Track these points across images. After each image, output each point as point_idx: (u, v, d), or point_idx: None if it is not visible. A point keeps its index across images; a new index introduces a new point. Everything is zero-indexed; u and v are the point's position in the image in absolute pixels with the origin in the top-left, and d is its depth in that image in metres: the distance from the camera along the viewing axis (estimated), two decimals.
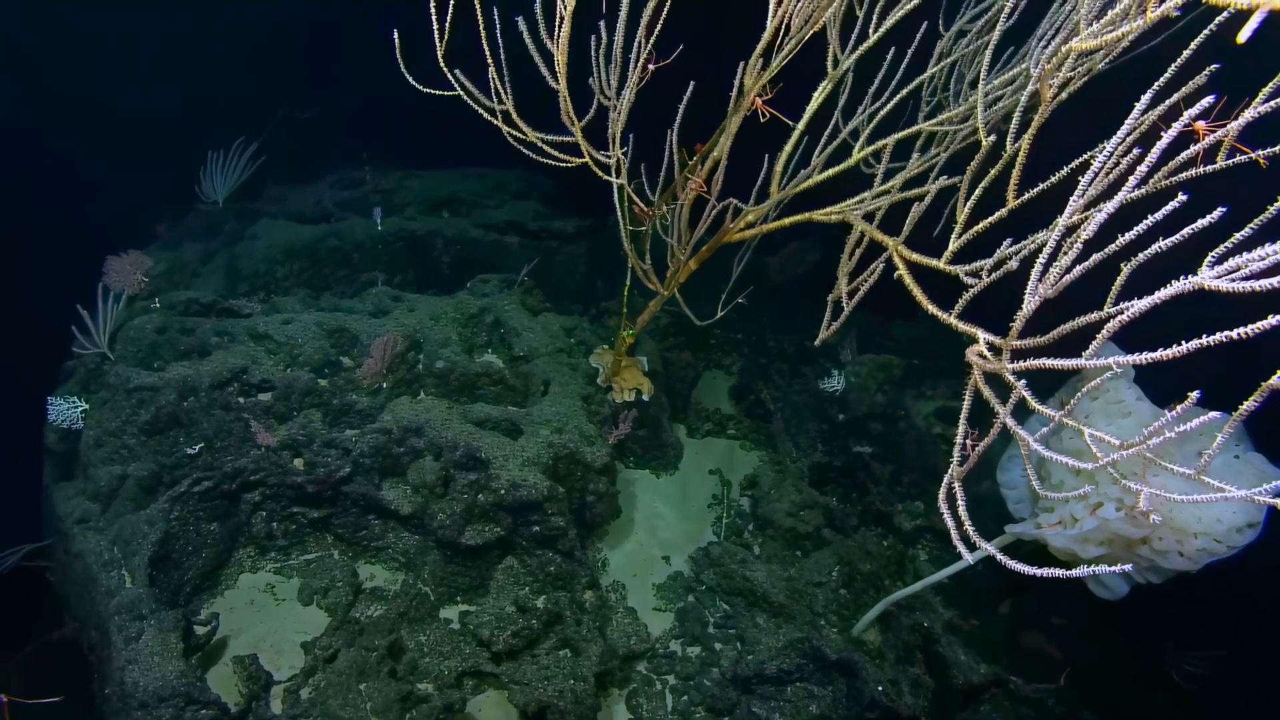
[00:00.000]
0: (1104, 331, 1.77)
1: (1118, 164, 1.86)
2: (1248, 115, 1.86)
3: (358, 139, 8.16)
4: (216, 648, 3.38)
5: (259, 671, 3.19)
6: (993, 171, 2.47)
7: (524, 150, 2.81)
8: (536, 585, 3.85)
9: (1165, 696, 4.38)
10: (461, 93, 2.57)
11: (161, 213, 6.74)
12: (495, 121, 2.69)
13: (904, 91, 3.54)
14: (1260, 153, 1.96)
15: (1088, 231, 1.75)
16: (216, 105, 7.08)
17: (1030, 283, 1.94)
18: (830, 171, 3.63)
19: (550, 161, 2.92)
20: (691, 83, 3.11)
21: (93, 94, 6.90)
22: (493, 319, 4.97)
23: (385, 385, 4.34)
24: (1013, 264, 2.26)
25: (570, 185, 7.79)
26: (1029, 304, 1.95)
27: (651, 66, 3.04)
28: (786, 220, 3.66)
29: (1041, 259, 1.90)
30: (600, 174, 3.03)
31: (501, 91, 2.62)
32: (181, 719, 2.80)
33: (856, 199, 3.47)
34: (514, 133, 2.75)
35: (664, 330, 5.81)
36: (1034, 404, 2.16)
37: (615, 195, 3.43)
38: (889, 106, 3.54)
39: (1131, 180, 1.67)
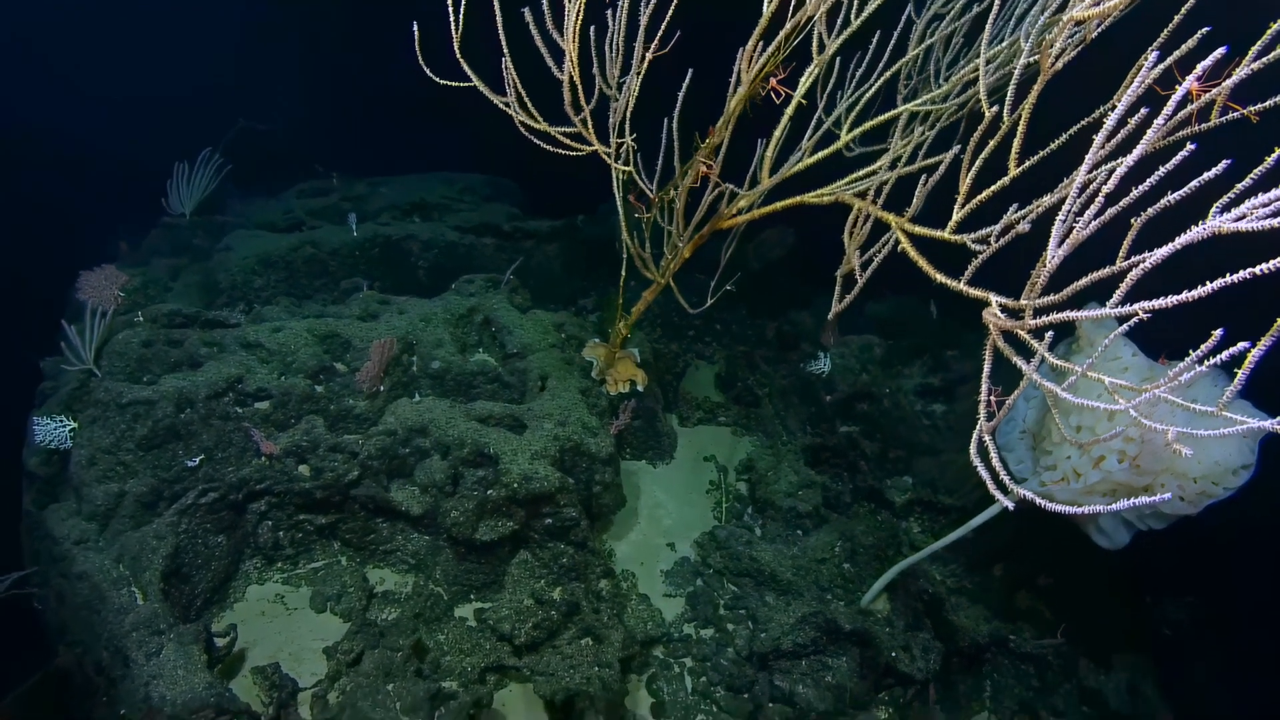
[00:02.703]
0: (1128, 280, 1.88)
1: (1125, 123, 1.98)
2: (1239, 74, 2.01)
3: (315, 149, 8.06)
4: (234, 661, 3.31)
5: (283, 679, 3.14)
6: (992, 142, 2.59)
7: (535, 140, 2.83)
8: (551, 577, 3.86)
9: (1150, 642, 4.59)
10: (477, 83, 2.58)
11: (122, 231, 6.54)
12: (510, 111, 2.71)
13: (888, 74, 3.68)
14: (1251, 109, 2.10)
15: (1109, 185, 1.86)
16: (175, 119, 6.92)
17: (1052, 239, 2.05)
18: (820, 154, 3.73)
19: (559, 150, 2.95)
20: (690, 71, 3.18)
21: (49, 114, 6.70)
22: (482, 318, 4.96)
23: (382, 389, 4.29)
24: (1024, 226, 2.37)
25: (539, 187, 7.85)
26: (1053, 260, 2.06)
27: (650, 56, 3.10)
28: (779, 204, 3.75)
29: (1062, 216, 2.01)
30: (607, 160, 3.07)
31: (517, 81, 2.64)
32: None
33: (849, 179, 3.58)
34: (525, 121, 2.77)
35: (651, 321, 5.87)
36: (1053, 360, 2.27)
37: (615, 184, 3.47)
38: (874, 88, 3.67)
39: (1150, 132, 1.78)
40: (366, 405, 4.19)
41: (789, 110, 3.53)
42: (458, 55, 2.44)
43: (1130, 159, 1.81)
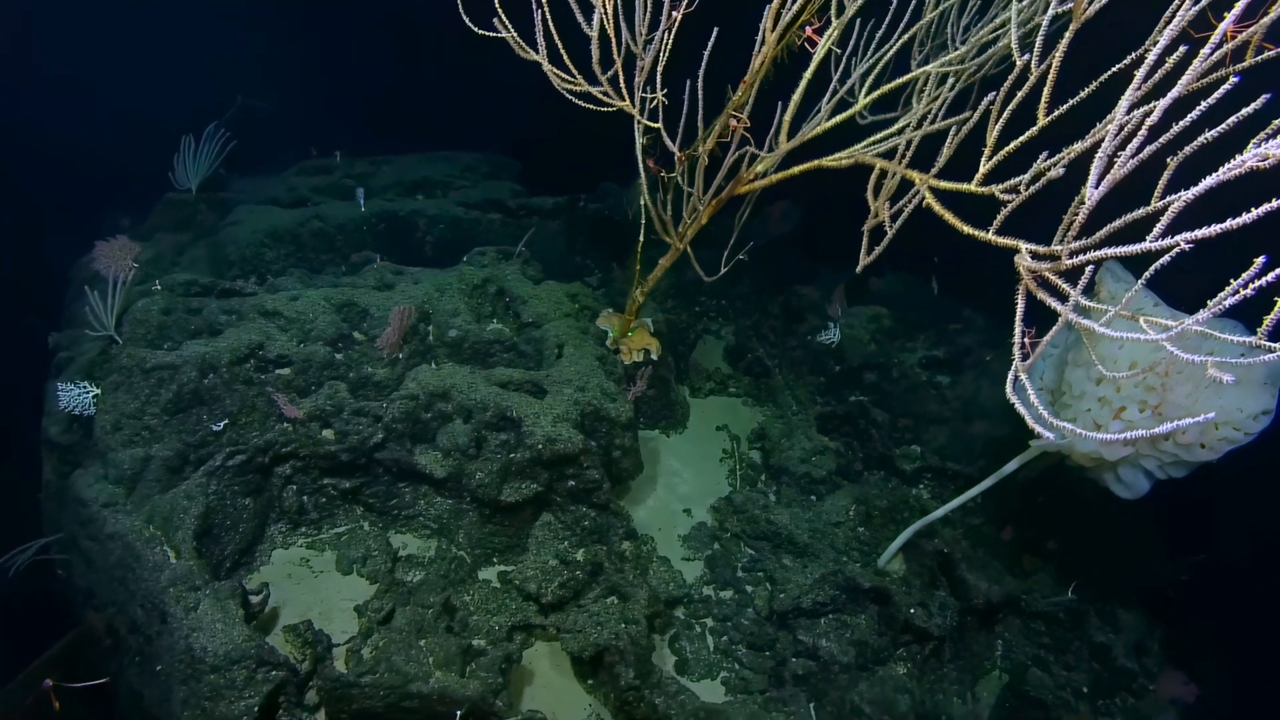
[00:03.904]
0: (1168, 214, 1.93)
1: (1163, 61, 2.02)
2: (1274, 13, 2.06)
3: (314, 129, 8.00)
4: (266, 620, 3.33)
5: (317, 636, 3.16)
6: (1020, 93, 2.63)
7: (572, 98, 2.85)
8: (575, 539, 3.90)
9: (1157, 601, 4.69)
10: (510, 37, 2.60)
11: (124, 207, 6.49)
12: (544, 64, 2.73)
13: (904, 38, 3.72)
14: None
15: (1153, 118, 1.91)
16: (175, 96, 6.85)
17: (1090, 178, 2.10)
18: (838, 118, 3.77)
19: (590, 106, 2.97)
20: (715, 29, 3.20)
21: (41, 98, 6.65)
22: (496, 289, 4.97)
23: (401, 356, 4.31)
24: (1057, 172, 2.41)
25: (540, 165, 7.84)
26: (1092, 199, 2.11)
27: (677, 14, 3.12)
28: (797, 168, 3.78)
29: (1100, 154, 2.06)
30: (633, 114, 3.09)
31: (554, 32, 2.66)
32: (254, 680, 2.77)
33: (867, 141, 3.63)
34: (561, 76, 2.79)
35: (664, 293, 5.91)
36: (1085, 301, 2.33)
37: (637, 144, 3.49)
38: (891, 53, 3.71)
39: (1194, 65, 1.83)
40: (386, 372, 4.21)
41: (807, 74, 3.56)
42: (497, 7, 2.45)
43: (1174, 93, 1.86)
